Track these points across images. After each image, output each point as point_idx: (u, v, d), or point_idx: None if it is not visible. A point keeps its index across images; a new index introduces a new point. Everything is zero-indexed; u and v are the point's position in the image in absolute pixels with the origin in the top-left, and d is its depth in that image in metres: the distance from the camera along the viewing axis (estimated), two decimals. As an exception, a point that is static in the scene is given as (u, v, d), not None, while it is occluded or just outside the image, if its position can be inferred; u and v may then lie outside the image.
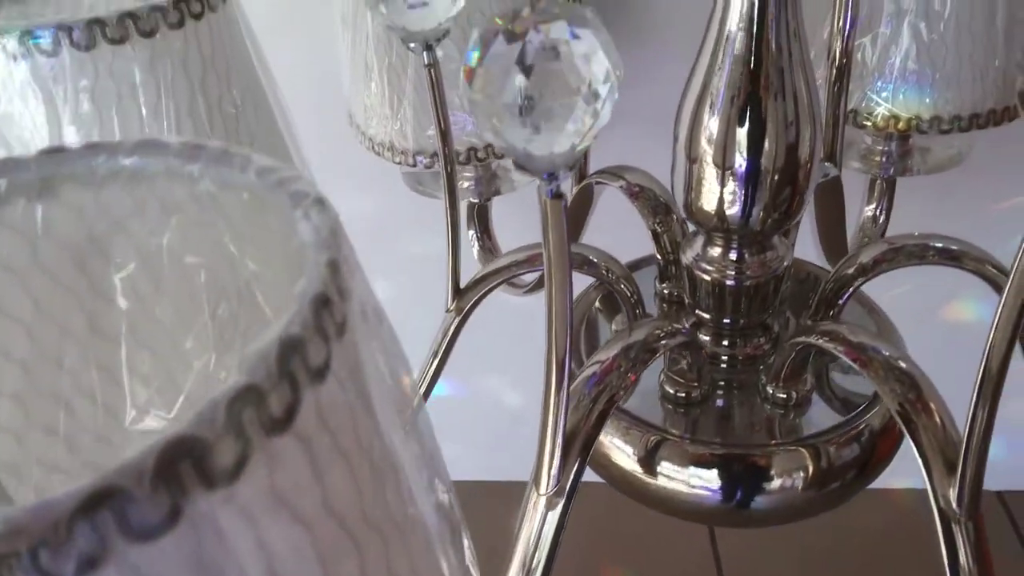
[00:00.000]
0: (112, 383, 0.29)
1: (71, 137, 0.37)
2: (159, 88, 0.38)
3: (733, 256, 0.43)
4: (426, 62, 0.41)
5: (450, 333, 0.47)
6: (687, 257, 0.45)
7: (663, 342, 0.40)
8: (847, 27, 0.51)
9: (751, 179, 0.41)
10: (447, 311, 0.49)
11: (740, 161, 0.40)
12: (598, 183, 0.53)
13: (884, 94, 0.58)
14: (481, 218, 0.69)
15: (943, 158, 0.64)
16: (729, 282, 0.43)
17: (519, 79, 0.26)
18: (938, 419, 0.36)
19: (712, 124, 0.41)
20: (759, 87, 0.39)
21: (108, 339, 0.28)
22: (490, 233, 0.70)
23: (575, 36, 0.26)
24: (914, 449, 0.37)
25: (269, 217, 0.22)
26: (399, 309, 0.92)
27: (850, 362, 0.38)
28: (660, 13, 0.72)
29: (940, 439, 0.36)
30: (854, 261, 0.45)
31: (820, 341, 0.40)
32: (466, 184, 0.66)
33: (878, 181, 0.67)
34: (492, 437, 1.02)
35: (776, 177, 0.41)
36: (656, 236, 0.50)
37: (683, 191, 0.43)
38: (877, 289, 0.69)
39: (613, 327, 0.50)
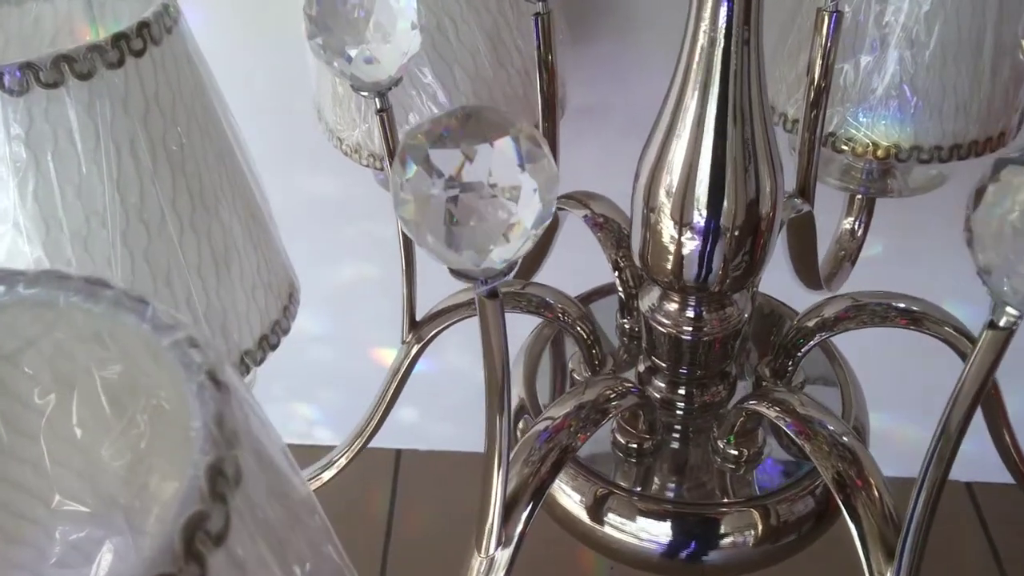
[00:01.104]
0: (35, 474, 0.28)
1: (7, 184, 0.36)
2: (98, 131, 0.37)
3: (690, 313, 0.42)
4: (378, 107, 0.39)
5: (403, 368, 0.46)
6: (643, 305, 0.44)
7: (615, 403, 0.39)
8: (827, 54, 0.49)
9: (709, 237, 0.40)
10: (402, 342, 0.48)
11: (698, 218, 0.39)
12: (561, 209, 0.51)
13: (863, 120, 0.57)
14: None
15: (924, 179, 0.63)
16: (686, 337, 0.42)
17: (445, 209, 0.24)
18: (878, 498, 0.36)
19: (671, 176, 0.40)
20: (722, 143, 0.38)
21: (26, 436, 0.27)
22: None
23: (503, 165, 0.24)
24: (852, 529, 0.37)
25: (164, 371, 0.21)
26: (368, 291, 0.91)
27: (793, 435, 0.38)
28: (641, 12, 0.70)
29: (879, 521, 0.35)
30: (817, 313, 0.45)
31: (770, 411, 0.39)
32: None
33: (857, 196, 0.66)
34: (460, 408, 1.02)
35: (736, 235, 0.40)
36: (618, 269, 0.49)
37: (639, 240, 0.42)
38: (856, 288, 0.69)
39: (569, 366, 0.49)
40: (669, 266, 0.40)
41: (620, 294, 0.49)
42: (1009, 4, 0.53)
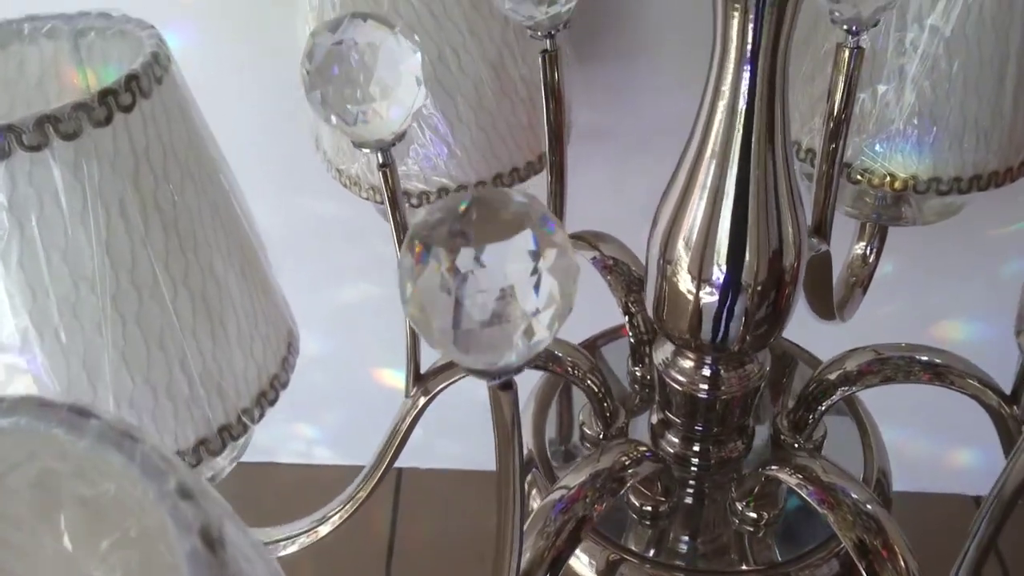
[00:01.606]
0: None
1: (-13, 251, 0.34)
2: (85, 192, 0.35)
3: (707, 372, 0.40)
4: (380, 162, 0.37)
5: (407, 425, 0.44)
6: (656, 358, 0.42)
7: (631, 470, 0.38)
8: (848, 91, 0.47)
9: (729, 294, 0.38)
10: (406, 396, 0.46)
11: (717, 273, 0.38)
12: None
13: (880, 150, 0.55)
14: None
15: (940, 207, 0.61)
16: (701, 396, 0.41)
17: (455, 313, 0.23)
18: (904, 568, 0.35)
19: (691, 228, 0.38)
20: (744, 198, 0.36)
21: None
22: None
23: (519, 264, 0.23)
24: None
25: (148, 515, 0.19)
26: (370, 311, 0.88)
27: (816, 504, 0.36)
28: (651, 29, 0.68)
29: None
30: (839, 366, 0.43)
31: (791, 478, 0.38)
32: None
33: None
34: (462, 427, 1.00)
35: (759, 290, 0.38)
36: (629, 314, 0.47)
37: (654, 293, 0.40)
38: (867, 308, 0.67)
39: (580, 418, 0.48)
40: (685, 324, 0.39)
41: (631, 342, 0.48)
42: (1033, 31, 0.51)
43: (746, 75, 0.32)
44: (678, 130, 0.72)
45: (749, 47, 0.31)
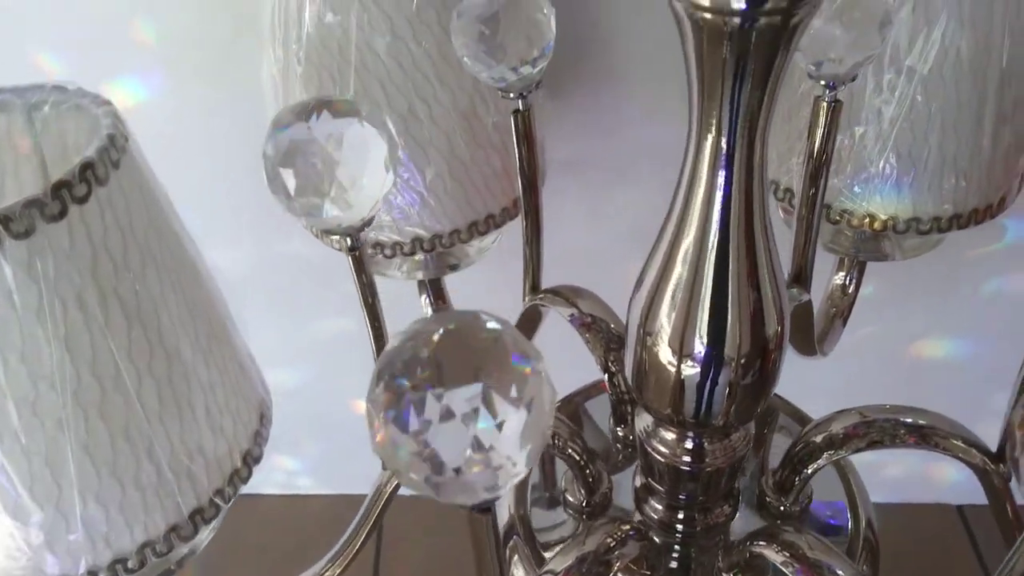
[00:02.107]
0: None
1: (-62, 357, 0.33)
2: (40, 290, 0.34)
3: (689, 444, 0.39)
4: (348, 247, 0.36)
5: (388, 491, 0.43)
6: (638, 426, 0.41)
7: (616, 552, 0.37)
8: (826, 143, 0.46)
9: (712, 368, 0.37)
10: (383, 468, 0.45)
11: (699, 347, 0.37)
12: (544, 306, 0.49)
13: (859, 191, 0.54)
14: (434, 285, 0.64)
15: (919, 242, 0.60)
16: (685, 468, 0.40)
17: (425, 463, 0.22)
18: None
19: (673, 300, 0.37)
20: (724, 274, 0.35)
21: None
22: (444, 297, 0.66)
23: (489, 413, 0.22)
24: None
25: None
26: (347, 343, 0.86)
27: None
28: (619, 61, 0.67)
29: None
30: (825, 427, 0.42)
31: (778, 555, 0.37)
32: (416, 261, 0.61)
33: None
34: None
35: (743, 363, 0.37)
36: (609, 373, 0.47)
37: (633, 363, 0.39)
38: (849, 329, 0.66)
39: (562, 485, 0.47)
40: (667, 399, 0.38)
41: (613, 401, 0.47)
42: (1010, 70, 0.50)
43: (722, 173, 0.31)
44: (649, 159, 0.72)
45: (724, 152, 0.30)
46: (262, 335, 0.71)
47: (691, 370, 0.37)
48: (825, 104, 0.43)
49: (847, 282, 0.66)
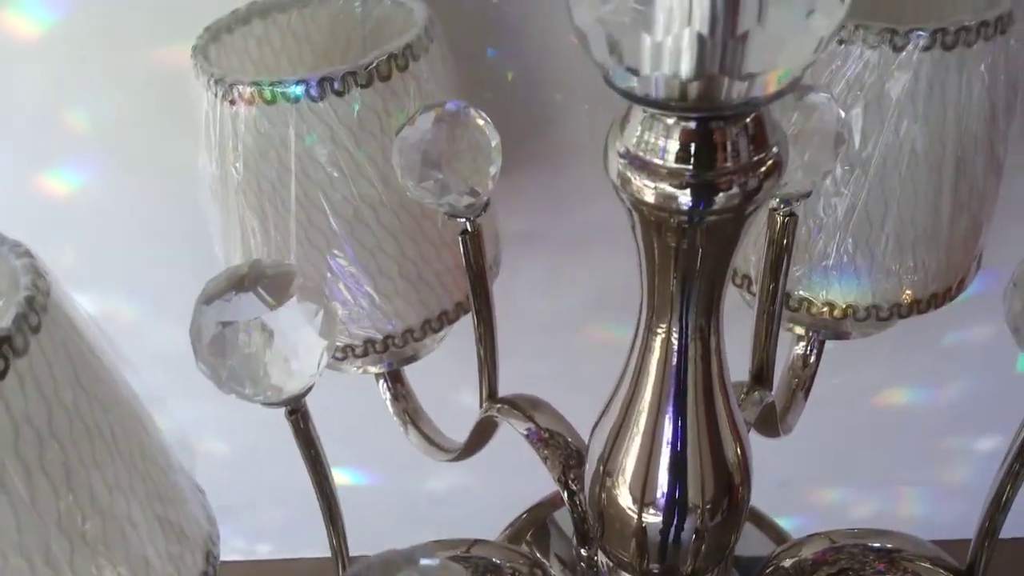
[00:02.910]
0: None
1: None
2: (-46, 479, 0.31)
3: (654, 586, 0.38)
4: (288, 412, 0.34)
5: None
6: (600, 558, 0.40)
7: None
8: (781, 257, 0.45)
9: (675, 517, 0.36)
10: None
11: (662, 497, 0.35)
12: (499, 419, 0.47)
13: (817, 280, 0.53)
14: (393, 374, 0.63)
15: (879, 323, 0.60)
16: (650, 609, 0.38)
17: None
18: None
19: (631, 448, 0.35)
20: (683, 424, 0.34)
21: None
22: (403, 380, 0.64)
23: None
24: None
25: None
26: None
27: None
28: (574, 137, 0.65)
29: None
30: (795, 552, 0.41)
31: None
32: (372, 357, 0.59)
33: (809, 328, 0.63)
34: (411, 519, 0.98)
35: (708, 508, 0.36)
36: (569, 492, 0.45)
37: (593, 501, 0.38)
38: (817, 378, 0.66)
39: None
40: (629, 545, 0.36)
41: (575, 520, 0.45)
42: (964, 159, 0.49)
43: (675, 359, 0.30)
44: (605, 232, 0.71)
45: (675, 343, 0.29)
46: (215, 404, 0.69)
47: (654, 518, 0.36)
48: (780, 217, 0.42)
49: (808, 352, 0.65)
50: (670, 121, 0.24)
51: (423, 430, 0.63)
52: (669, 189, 0.24)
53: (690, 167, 0.23)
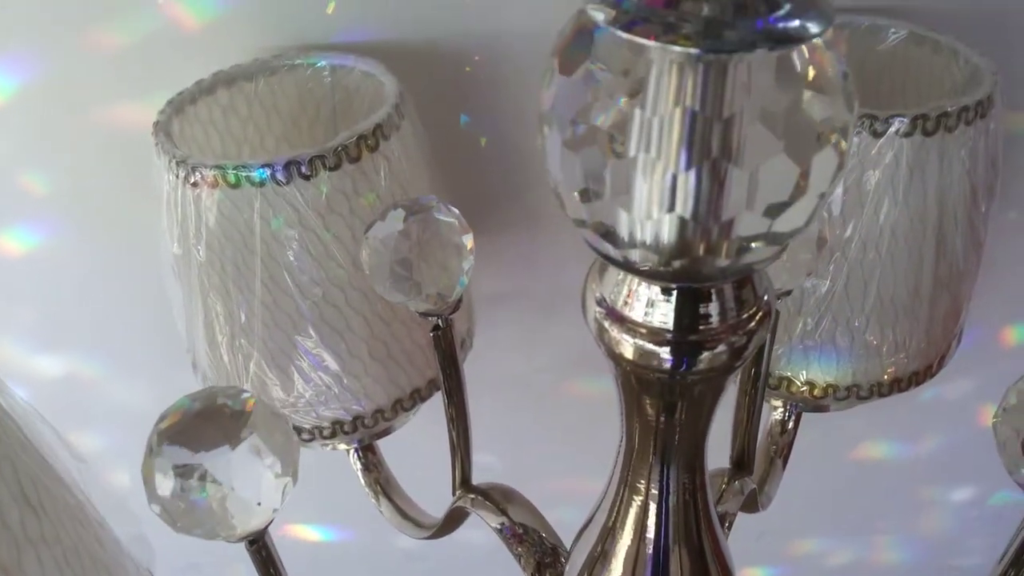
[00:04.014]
0: None
1: None
2: None
3: None
4: (250, 541, 0.32)
5: None
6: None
7: None
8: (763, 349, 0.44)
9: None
10: None
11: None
12: (472, 511, 0.46)
13: (797, 359, 0.52)
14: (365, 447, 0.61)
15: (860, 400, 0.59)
16: None
17: None
18: None
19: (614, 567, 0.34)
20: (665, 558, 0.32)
21: None
22: (374, 448, 0.62)
23: None
24: None
25: None
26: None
27: None
28: (547, 202, 0.64)
29: None
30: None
31: None
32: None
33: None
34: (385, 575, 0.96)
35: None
36: (545, 591, 0.44)
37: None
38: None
39: None
40: (607, 668, 0.35)
41: (550, 620, 0.44)
42: (944, 240, 0.49)
43: (653, 522, 0.28)
44: (578, 294, 0.70)
45: (653, 516, 0.28)
46: None
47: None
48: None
49: (786, 418, 0.64)
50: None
51: (396, 502, 0.61)
52: (649, 346, 0.22)
53: (671, 328, 0.22)
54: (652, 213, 0.18)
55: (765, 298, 0.24)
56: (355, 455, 0.61)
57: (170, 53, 0.54)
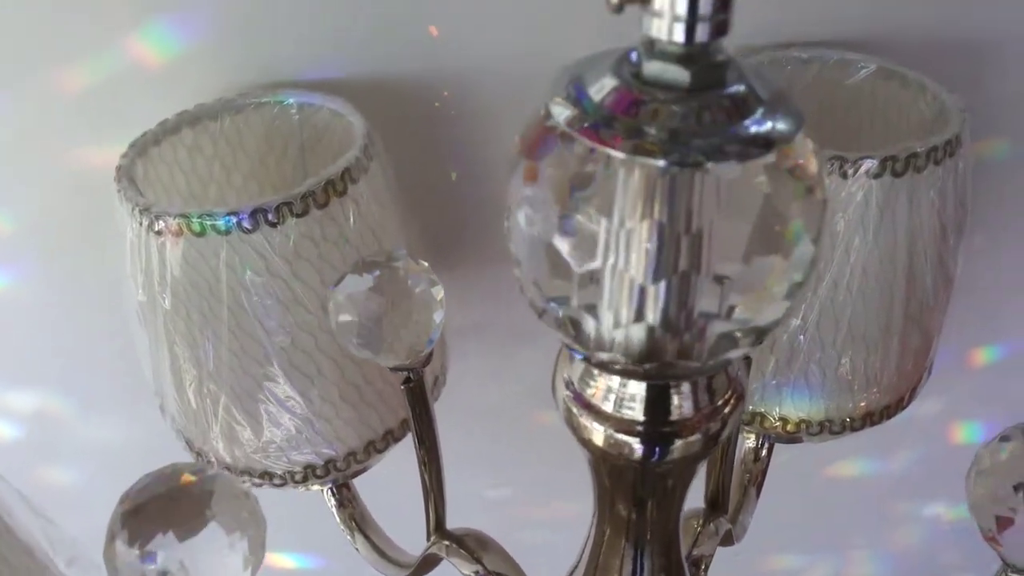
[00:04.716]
0: None
1: None
2: None
3: None
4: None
5: None
6: None
7: None
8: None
9: None
10: None
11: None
12: (446, 558, 0.45)
13: (770, 396, 0.52)
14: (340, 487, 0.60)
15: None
16: None
17: None
18: None
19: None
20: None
21: None
22: (348, 484, 0.61)
23: None
24: None
25: None
26: None
27: None
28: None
29: None
30: None
31: None
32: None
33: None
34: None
35: None
36: (520, 639, 0.43)
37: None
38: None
39: None
40: None
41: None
42: (915, 278, 0.49)
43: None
44: (546, 329, 0.70)
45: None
46: None
47: None
48: (734, 358, 0.41)
49: (759, 445, 0.64)
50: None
51: (372, 539, 0.60)
52: (620, 436, 0.22)
53: (642, 419, 0.22)
54: (620, 321, 0.18)
55: (740, 381, 0.23)
56: (329, 492, 0.61)
57: (135, 92, 0.53)
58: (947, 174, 0.46)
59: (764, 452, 0.64)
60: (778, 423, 0.53)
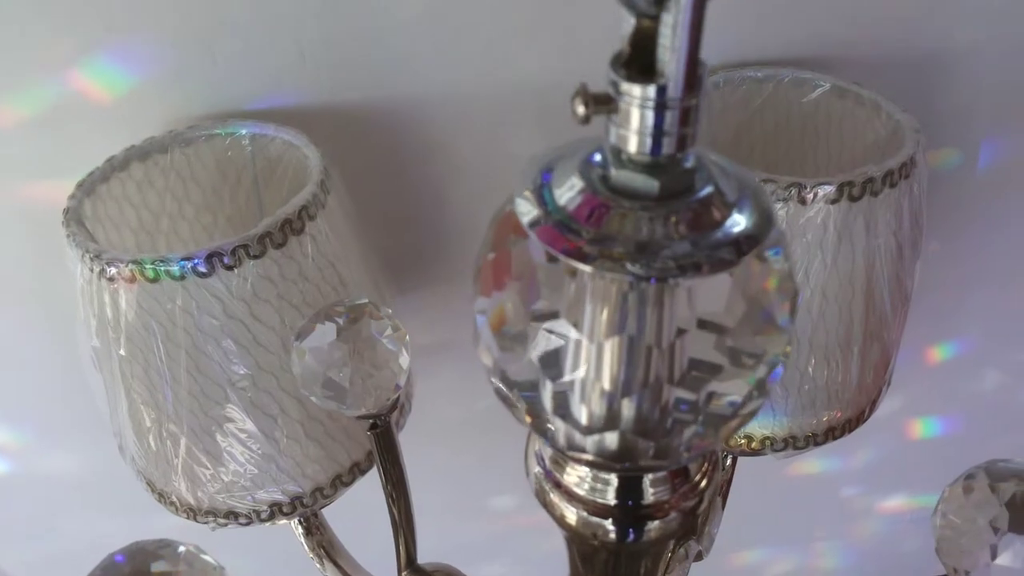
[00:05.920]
0: None
1: None
2: None
3: None
4: None
5: None
6: None
7: None
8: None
9: None
10: None
11: None
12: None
13: (736, 414, 0.52)
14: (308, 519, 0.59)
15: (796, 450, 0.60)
16: None
17: None
18: None
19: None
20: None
21: None
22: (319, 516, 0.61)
23: None
24: None
25: None
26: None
27: None
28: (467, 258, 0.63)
29: None
30: None
31: None
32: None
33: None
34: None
35: None
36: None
37: None
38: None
39: None
40: None
41: None
42: (872, 296, 0.49)
43: None
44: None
45: None
46: (104, 528, 0.65)
47: None
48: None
49: (722, 455, 0.65)
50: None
51: (341, 566, 0.60)
52: (593, 519, 0.22)
53: (615, 504, 0.21)
54: (593, 429, 0.17)
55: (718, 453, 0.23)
56: (296, 521, 0.60)
57: (81, 126, 0.52)
58: (902, 196, 0.47)
59: (728, 462, 0.65)
60: (743, 440, 0.53)
